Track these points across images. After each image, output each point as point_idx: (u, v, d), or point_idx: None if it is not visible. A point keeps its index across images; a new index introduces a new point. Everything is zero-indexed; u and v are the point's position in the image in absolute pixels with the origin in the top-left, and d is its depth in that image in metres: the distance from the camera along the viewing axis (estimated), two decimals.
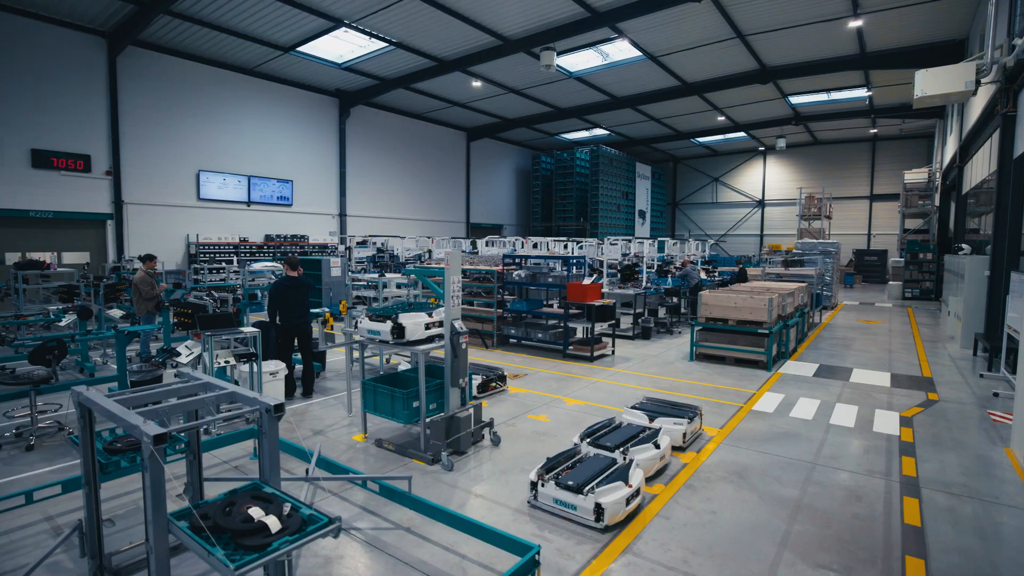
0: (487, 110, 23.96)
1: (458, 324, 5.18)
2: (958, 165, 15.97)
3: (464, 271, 11.32)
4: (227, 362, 5.71)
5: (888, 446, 5.57)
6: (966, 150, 15.34)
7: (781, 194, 31.54)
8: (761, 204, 32.17)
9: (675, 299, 13.02)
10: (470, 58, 17.25)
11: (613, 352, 9.99)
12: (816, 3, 13.80)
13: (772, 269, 13.86)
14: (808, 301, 12.20)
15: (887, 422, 6.30)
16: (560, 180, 29.10)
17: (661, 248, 16.38)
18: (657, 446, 4.81)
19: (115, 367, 8.65)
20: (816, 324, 13.67)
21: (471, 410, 5.36)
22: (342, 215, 21.61)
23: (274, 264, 10.47)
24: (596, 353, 9.51)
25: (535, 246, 14.93)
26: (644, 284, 12.39)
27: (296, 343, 7.16)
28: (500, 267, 11.05)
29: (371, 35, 15.52)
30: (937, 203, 20.31)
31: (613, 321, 10.01)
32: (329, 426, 6.12)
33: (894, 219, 27.73)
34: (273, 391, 6.32)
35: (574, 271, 10.30)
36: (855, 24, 14.60)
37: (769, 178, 31.93)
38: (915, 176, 21.63)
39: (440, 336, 5.43)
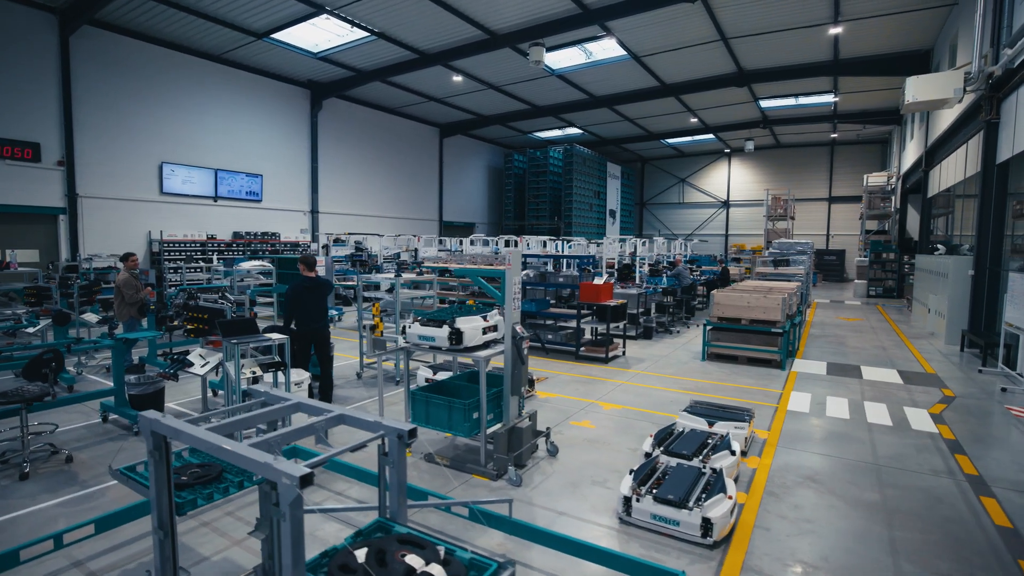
0: (463, 106, 23.49)
1: (519, 328, 4.85)
2: (923, 170, 16.82)
3: (467, 271, 10.90)
4: (253, 372, 5.15)
5: (935, 444, 5.63)
6: (932, 156, 16.15)
7: (745, 195, 32.55)
8: (726, 205, 33.10)
9: (669, 298, 13.04)
10: (454, 52, 16.77)
11: (624, 353, 9.86)
12: (801, 9, 14.15)
13: (762, 268, 14.11)
14: (800, 299, 12.47)
15: (921, 420, 6.39)
16: (533, 179, 28.94)
17: (651, 247, 16.47)
18: (733, 452, 4.64)
19: (93, 378, 7.82)
20: (802, 322, 14.03)
21: (528, 420, 5.05)
22: (314, 212, 20.65)
23: (261, 263, 9.76)
24: (610, 354, 9.34)
25: (528, 245, 14.65)
26: (643, 284, 12.33)
27: (312, 349, 6.61)
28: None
29: (353, 24, 14.80)
30: (898, 205, 21.37)
31: (625, 321, 9.87)
32: (362, 440, 5.63)
33: (851, 220, 29.11)
34: None
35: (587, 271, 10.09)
36: (834, 31, 15.07)
37: (733, 179, 32.89)
38: (877, 179, 22.70)
39: (495, 342, 5.08)
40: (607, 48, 17.16)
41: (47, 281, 8.57)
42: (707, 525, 3.65)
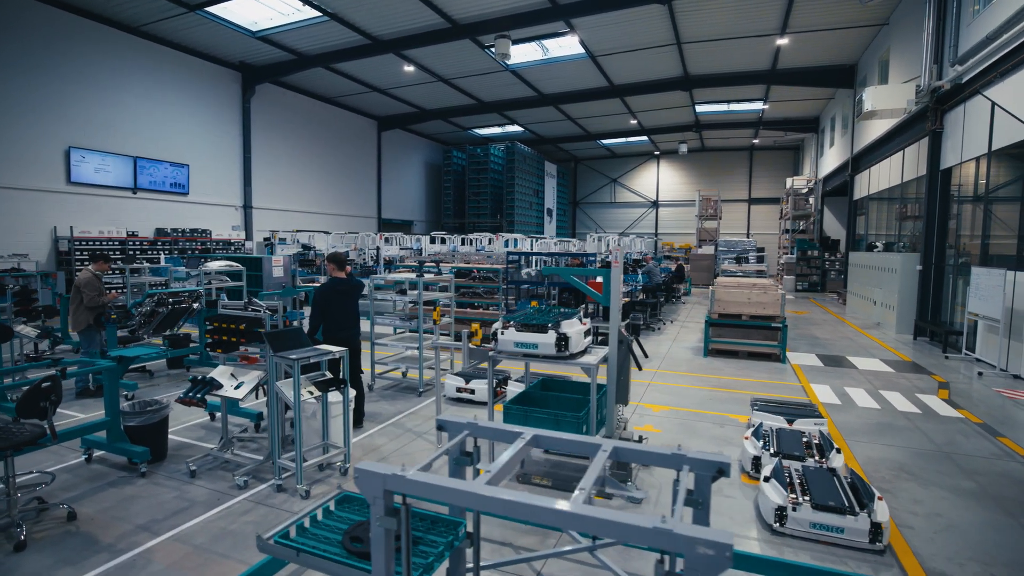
0: (406, 98, 22.47)
1: (624, 330, 4.48)
2: (849, 174, 18.44)
3: (461, 270, 10.32)
4: (310, 392, 4.34)
5: (973, 429, 5.99)
6: (858, 162, 17.74)
7: (673, 196, 34.13)
8: (655, 205, 34.53)
9: (642, 295, 13.19)
10: (409, 40, 15.92)
11: None
12: (753, 19, 14.89)
13: (727, 266, 14.72)
14: None
15: (940, 406, 6.81)
16: (474, 176, 28.35)
17: (620, 245, 16.64)
18: (839, 451, 4.60)
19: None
20: None
21: (625, 428, 4.70)
22: (247, 207, 18.74)
23: (230, 263, 8.55)
24: None
25: (505, 243, 14.19)
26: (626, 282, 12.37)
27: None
28: (499, 264, 10.23)
29: (305, 1, 13.52)
30: (819, 206, 23.36)
31: (629, 320, 9.77)
32: (425, 464, 4.98)
33: (770, 220, 31.45)
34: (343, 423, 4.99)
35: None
36: (780, 42, 16.04)
37: (662, 181, 34.38)
38: (800, 182, 24.64)
39: (593, 346, 4.68)
40: (565, 46, 17.13)
41: None
42: (876, 530, 3.52)
